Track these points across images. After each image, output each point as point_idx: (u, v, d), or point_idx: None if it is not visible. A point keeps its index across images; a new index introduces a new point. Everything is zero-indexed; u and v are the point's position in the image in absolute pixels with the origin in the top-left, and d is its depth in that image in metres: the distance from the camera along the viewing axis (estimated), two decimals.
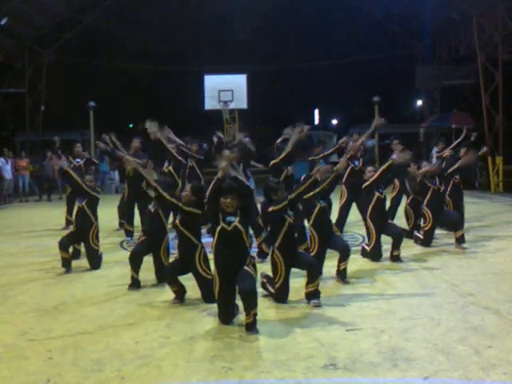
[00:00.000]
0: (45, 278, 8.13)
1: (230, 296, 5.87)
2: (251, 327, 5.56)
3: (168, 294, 6.79)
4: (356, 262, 8.47)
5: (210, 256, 6.36)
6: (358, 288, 7.21)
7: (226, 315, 5.86)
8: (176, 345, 5.30)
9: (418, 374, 4.53)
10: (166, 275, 6.64)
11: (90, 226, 8.60)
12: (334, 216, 9.06)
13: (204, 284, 6.48)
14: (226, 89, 23.16)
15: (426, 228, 9.66)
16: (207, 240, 7.75)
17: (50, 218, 14.70)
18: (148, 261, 7.59)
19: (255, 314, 5.59)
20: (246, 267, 5.74)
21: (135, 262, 7.27)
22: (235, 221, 5.76)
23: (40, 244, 10.90)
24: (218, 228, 5.80)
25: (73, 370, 4.75)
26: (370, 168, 8.78)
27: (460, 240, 9.48)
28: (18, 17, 22.62)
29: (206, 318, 6.06)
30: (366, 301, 6.61)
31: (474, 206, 14.69)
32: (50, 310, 6.55)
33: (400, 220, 10.63)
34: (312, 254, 7.34)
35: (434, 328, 5.60)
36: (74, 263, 8.68)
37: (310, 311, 6.26)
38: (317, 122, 44.81)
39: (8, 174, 20.10)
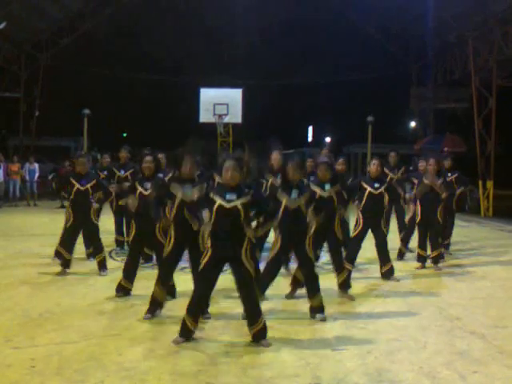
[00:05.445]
0: (31, 285, 8.06)
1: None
2: (260, 335, 5.60)
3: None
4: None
5: None
6: (345, 307, 7.20)
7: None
8: (160, 358, 5.27)
9: None
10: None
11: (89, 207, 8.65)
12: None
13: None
14: (222, 102, 23.19)
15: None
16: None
17: (40, 223, 14.64)
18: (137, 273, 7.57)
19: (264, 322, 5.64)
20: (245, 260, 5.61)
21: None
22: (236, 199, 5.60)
23: (28, 250, 10.82)
24: (216, 206, 5.61)
25: (56, 380, 4.71)
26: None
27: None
28: (16, 21, 22.66)
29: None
30: (353, 320, 6.59)
31: (462, 230, 14.75)
32: (35, 317, 6.48)
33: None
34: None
35: (420, 351, 5.60)
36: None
37: (296, 329, 6.24)
38: (310, 139, 45.01)
39: None
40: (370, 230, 8.56)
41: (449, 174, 11.18)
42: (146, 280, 7.55)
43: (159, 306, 6.53)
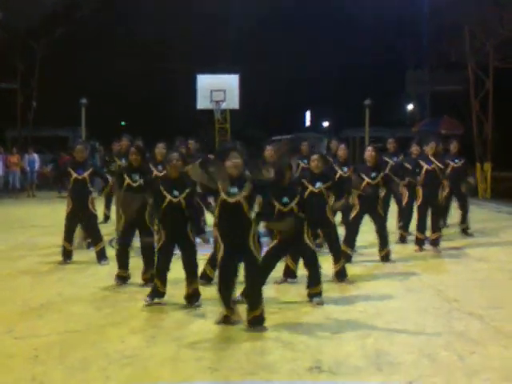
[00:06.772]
0: (32, 275, 8.12)
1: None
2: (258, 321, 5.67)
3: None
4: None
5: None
6: (344, 291, 7.26)
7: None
8: (162, 345, 5.32)
9: (402, 378, 4.58)
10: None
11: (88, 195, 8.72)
12: None
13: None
14: (219, 88, 23.13)
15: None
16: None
17: (40, 215, 14.68)
18: (136, 260, 7.63)
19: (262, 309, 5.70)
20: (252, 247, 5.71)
21: None
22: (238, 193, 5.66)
23: (29, 241, 10.87)
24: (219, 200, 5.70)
25: (58, 369, 4.76)
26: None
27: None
28: (11, 11, 22.55)
29: (193, 319, 6.07)
30: (352, 304, 6.65)
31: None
32: (36, 307, 6.53)
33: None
34: None
35: (419, 333, 5.65)
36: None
37: (296, 313, 6.31)
38: (308, 123, 44.93)
39: None
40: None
41: (456, 160, 11.20)
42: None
43: (160, 295, 6.57)
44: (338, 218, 10.95)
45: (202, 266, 7.07)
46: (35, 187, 21.32)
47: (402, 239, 10.42)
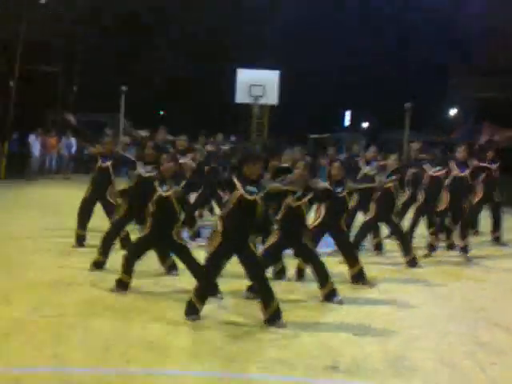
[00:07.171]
0: (59, 257, 8.25)
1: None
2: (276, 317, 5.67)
3: (182, 282, 6.90)
4: (373, 267, 8.41)
5: None
6: (370, 293, 7.19)
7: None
8: (183, 333, 5.37)
9: (421, 383, 4.53)
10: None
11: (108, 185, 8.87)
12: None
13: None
14: (258, 83, 23.09)
15: None
16: None
17: (73, 197, 14.86)
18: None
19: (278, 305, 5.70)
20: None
21: None
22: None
23: (59, 223, 10.99)
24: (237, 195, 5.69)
25: (80, 349, 4.85)
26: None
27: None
28: None
29: (215, 310, 6.10)
30: (376, 307, 6.60)
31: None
32: (62, 288, 6.64)
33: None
34: None
35: (442, 340, 5.58)
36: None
37: (317, 313, 6.30)
38: (347, 123, 44.61)
39: (36, 151, 20.41)
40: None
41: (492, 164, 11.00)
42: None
43: (126, 288, 6.56)
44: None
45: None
46: (70, 172, 21.65)
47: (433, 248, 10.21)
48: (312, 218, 7.28)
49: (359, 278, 7.46)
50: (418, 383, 4.55)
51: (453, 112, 33.17)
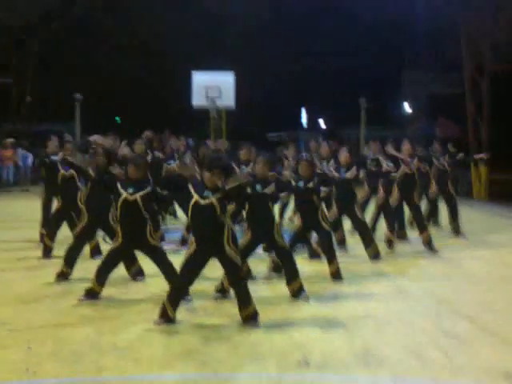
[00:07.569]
0: (24, 270, 8.18)
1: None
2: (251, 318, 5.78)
3: (149, 287, 6.91)
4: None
5: None
6: (335, 289, 7.33)
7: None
8: (154, 338, 5.40)
9: (388, 373, 4.68)
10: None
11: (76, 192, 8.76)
12: None
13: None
14: (214, 85, 23.10)
15: None
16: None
17: (33, 209, 14.65)
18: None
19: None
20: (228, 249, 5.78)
21: None
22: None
23: (21, 235, 10.86)
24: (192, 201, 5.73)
25: (51, 360, 4.83)
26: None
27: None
28: (5, 6, 22.52)
29: (184, 313, 6.13)
30: (342, 302, 6.73)
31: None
32: (30, 301, 6.60)
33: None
34: None
35: (408, 331, 5.75)
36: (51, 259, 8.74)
37: (286, 311, 6.40)
38: (304, 120, 45.03)
39: None
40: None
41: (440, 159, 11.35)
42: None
43: (95, 297, 6.57)
44: None
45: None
46: (29, 183, 21.35)
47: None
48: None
49: (337, 276, 7.64)
50: (385, 373, 4.69)
51: (407, 107, 33.74)
